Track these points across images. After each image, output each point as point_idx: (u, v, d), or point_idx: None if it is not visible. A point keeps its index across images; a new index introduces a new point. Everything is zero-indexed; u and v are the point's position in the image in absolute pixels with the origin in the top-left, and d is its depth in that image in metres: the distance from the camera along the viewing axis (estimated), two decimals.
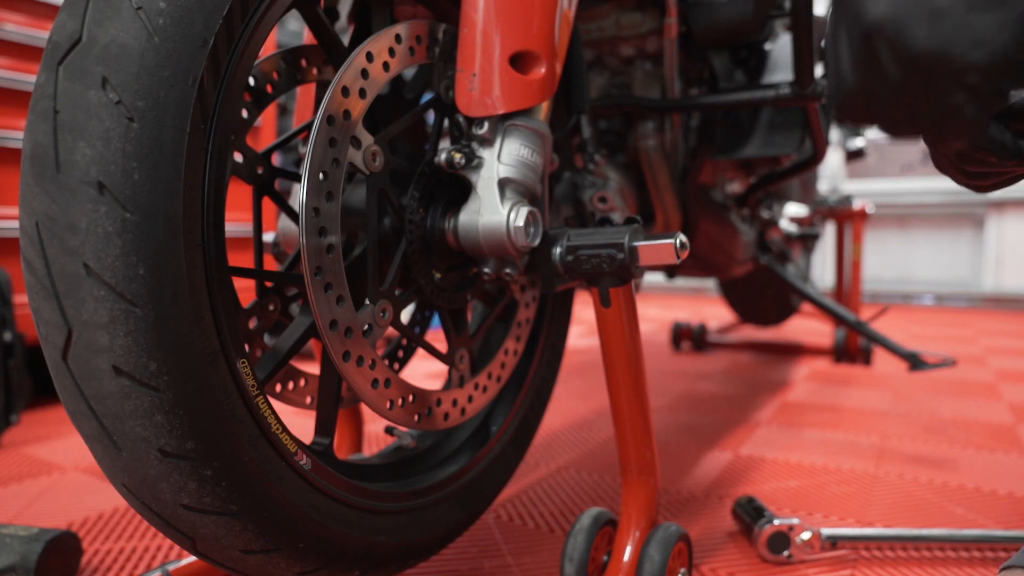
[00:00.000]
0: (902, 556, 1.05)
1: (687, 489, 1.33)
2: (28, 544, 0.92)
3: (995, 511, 1.23)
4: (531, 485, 1.34)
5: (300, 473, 0.62)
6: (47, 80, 0.51)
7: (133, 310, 0.49)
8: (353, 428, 1.20)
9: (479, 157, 0.73)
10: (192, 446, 0.53)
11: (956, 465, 1.49)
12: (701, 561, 1.03)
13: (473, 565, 1.02)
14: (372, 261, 0.69)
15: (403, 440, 0.82)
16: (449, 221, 0.75)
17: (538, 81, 0.72)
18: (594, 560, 0.88)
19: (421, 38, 0.72)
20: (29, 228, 0.51)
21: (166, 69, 0.51)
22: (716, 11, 1.17)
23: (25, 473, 1.44)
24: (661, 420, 1.83)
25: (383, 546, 0.71)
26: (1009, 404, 2.04)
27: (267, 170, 0.78)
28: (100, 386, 0.51)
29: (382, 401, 0.68)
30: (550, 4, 0.73)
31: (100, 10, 0.51)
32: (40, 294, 0.51)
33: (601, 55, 1.30)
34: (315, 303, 0.61)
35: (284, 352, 0.72)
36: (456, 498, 0.83)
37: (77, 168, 0.49)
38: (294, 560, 0.62)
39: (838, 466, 1.47)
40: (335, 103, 0.62)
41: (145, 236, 0.50)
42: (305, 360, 2.27)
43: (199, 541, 0.57)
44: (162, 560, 1.04)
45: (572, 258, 0.74)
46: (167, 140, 0.51)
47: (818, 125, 1.34)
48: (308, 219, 0.59)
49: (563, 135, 0.95)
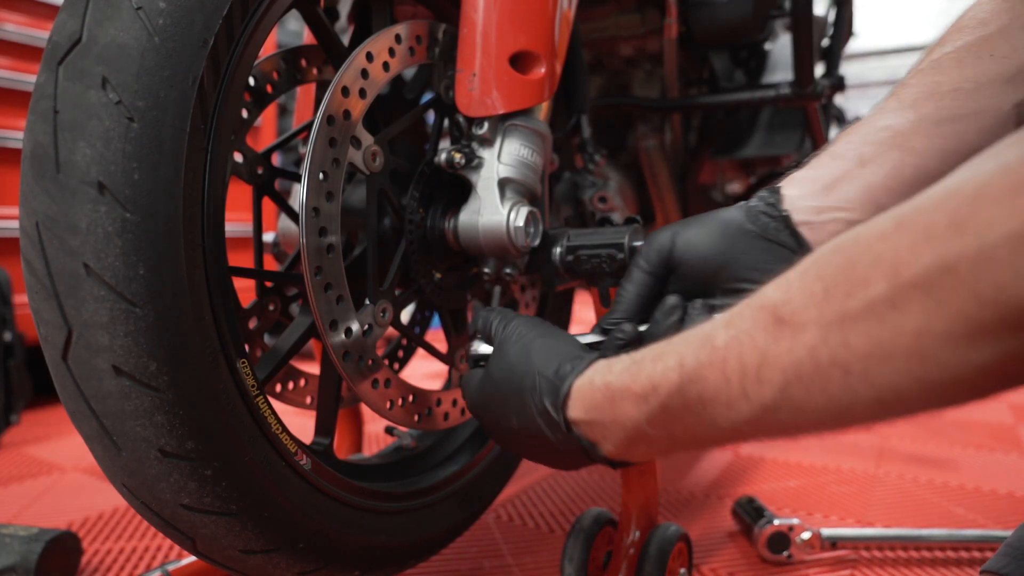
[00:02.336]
0: (902, 556, 1.05)
1: (687, 489, 1.33)
2: (28, 544, 0.91)
3: (995, 511, 1.23)
4: (531, 485, 1.34)
5: (300, 473, 0.62)
6: (47, 80, 0.51)
7: (133, 310, 0.49)
8: (353, 428, 1.20)
9: (479, 157, 0.73)
10: (192, 446, 0.53)
11: (956, 465, 1.49)
12: (701, 561, 1.03)
13: (473, 565, 1.02)
14: (372, 261, 0.69)
15: (403, 440, 0.82)
16: (449, 221, 0.75)
17: (538, 81, 0.72)
18: (594, 560, 0.88)
19: (421, 38, 0.72)
20: (29, 228, 0.51)
21: (166, 69, 0.51)
22: (716, 11, 1.16)
23: (25, 473, 1.44)
24: None
25: (383, 546, 0.71)
26: (1009, 404, 2.04)
27: (267, 170, 0.78)
28: (100, 386, 0.51)
29: (382, 401, 0.68)
30: (550, 4, 0.73)
31: (100, 10, 0.51)
32: (40, 294, 0.51)
33: (601, 55, 1.30)
34: (315, 303, 0.60)
35: (284, 352, 0.72)
36: (456, 498, 0.83)
37: (77, 168, 0.49)
38: (294, 560, 0.62)
39: (838, 466, 1.47)
40: (335, 103, 0.62)
41: (145, 236, 0.50)
42: (305, 360, 2.27)
43: (199, 541, 0.57)
44: (162, 560, 1.04)
45: (572, 258, 0.74)
46: (167, 140, 0.51)
47: (818, 125, 1.34)
48: (308, 219, 0.59)
49: (563, 135, 0.95)
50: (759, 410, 0.40)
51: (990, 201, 0.30)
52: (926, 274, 0.32)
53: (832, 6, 1.50)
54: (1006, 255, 0.29)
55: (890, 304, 0.33)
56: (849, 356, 0.35)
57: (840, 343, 0.35)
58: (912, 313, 0.32)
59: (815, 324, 0.36)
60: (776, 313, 0.39)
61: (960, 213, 0.31)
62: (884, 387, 0.35)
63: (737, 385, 0.40)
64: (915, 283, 0.32)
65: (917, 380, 0.33)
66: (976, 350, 0.31)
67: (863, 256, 0.35)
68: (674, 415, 0.45)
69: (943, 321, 0.31)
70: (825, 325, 0.36)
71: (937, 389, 0.34)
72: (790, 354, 0.38)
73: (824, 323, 0.36)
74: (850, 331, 0.35)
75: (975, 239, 0.30)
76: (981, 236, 0.29)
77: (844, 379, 0.36)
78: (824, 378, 0.36)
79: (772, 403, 0.39)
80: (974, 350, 0.31)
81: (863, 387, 0.35)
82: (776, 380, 0.38)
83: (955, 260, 0.30)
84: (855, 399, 0.36)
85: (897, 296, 0.33)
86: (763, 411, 0.40)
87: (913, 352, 0.33)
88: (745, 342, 0.40)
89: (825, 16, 1.49)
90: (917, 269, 0.32)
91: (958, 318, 0.31)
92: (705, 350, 0.43)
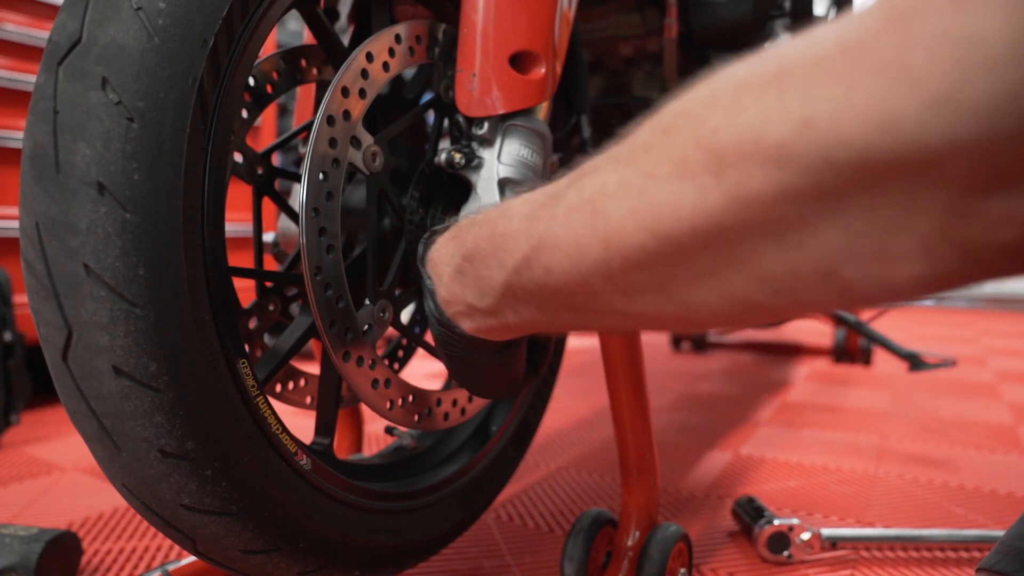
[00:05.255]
0: (902, 556, 1.05)
1: (687, 489, 1.33)
2: (28, 544, 0.91)
3: (995, 511, 1.23)
4: (531, 485, 1.34)
5: (300, 473, 0.62)
6: (47, 80, 0.51)
7: (133, 310, 0.49)
8: (353, 428, 1.20)
9: (479, 157, 0.73)
10: (192, 446, 0.53)
11: (956, 465, 1.49)
12: (701, 561, 1.03)
13: (473, 565, 1.02)
14: (372, 261, 0.69)
15: (403, 440, 0.82)
16: (449, 221, 0.75)
17: (538, 81, 0.72)
18: (594, 560, 0.88)
19: (421, 38, 0.72)
20: (29, 229, 0.51)
21: (166, 69, 0.51)
22: (716, 11, 1.16)
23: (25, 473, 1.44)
24: (661, 420, 1.83)
25: (383, 546, 0.71)
26: (1009, 404, 2.04)
27: (267, 170, 0.78)
28: (100, 386, 0.51)
29: (382, 401, 0.68)
30: (550, 4, 0.73)
31: (100, 10, 0.51)
32: (40, 295, 0.51)
33: (601, 55, 1.30)
34: (315, 303, 0.60)
35: (284, 352, 0.72)
36: (456, 498, 0.83)
37: (77, 169, 0.49)
38: (294, 560, 0.62)
39: (838, 466, 1.47)
40: (335, 103, 0.62)
41: (145, 236, 0.50)
42: (305, 360, 2.27)
43: (199, 541, 0.57)
44: (162, 560, 1.04)
45: None
46: (167, 140, 0.51)
47: None
48: (308, 219, 0.59)
49: (563, 135, 0.95)
50: (529, 249, 0.42)
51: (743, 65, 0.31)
52: (673, 118, 0.33)
53: (832, 6, 1.50)
54: (727, 102, 0.30)
55: (643, 147, 0.34)
56: (601, 194, 0.36)
57: (601, 181, 0.37)
58: (652, 157, 0.33)
59: (599, 168, 0.38)
60: (583, 166, 0.41)
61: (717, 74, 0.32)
62: (613, 228, 0.35)
63: (525, 220, 0.43)
64: (665, 128, 0.33)
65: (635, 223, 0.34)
66: (695, 191, 0.31)
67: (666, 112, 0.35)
68: (480, 247, 0.48)
69: (666, 162, 0.32)
70: (601, 167, 0.38)
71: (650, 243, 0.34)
72: (567, 191, 0.40)
73: (602, 166, 0.38)
74: (612, 170, 0.36)
75: (711, 89, 0.31)
76: (717, 86, 0.31)
77: (591, 216, 0.37)
78: (578, 212, 0.38)
79: (538, 240, 0.41)
80: (681, 195, 0.31)
81: (600, 224, 0.36)
82: (548, 215, 0.40)
83: (692, 107, 0.32)
84: (592, 238, 0.37)
85: (650, 140, 0.34)
86: (532, 249, 0.42)
87: (639, 191, 0.34)
88: (550, 186, 0.43)
89: (825, 16, 1.49)
90: (669, 116, 0.33)
91: (677, 158, 0.32)
92: (523, 199, 0.46)
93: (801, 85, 0.27)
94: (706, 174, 0.30)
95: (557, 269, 0.40)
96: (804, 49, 0.28)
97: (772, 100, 0.27)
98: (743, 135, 0.28)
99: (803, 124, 0.26)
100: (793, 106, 0.27)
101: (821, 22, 0.32)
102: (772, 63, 0.29)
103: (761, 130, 0.27)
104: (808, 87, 0.26)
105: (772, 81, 0.28)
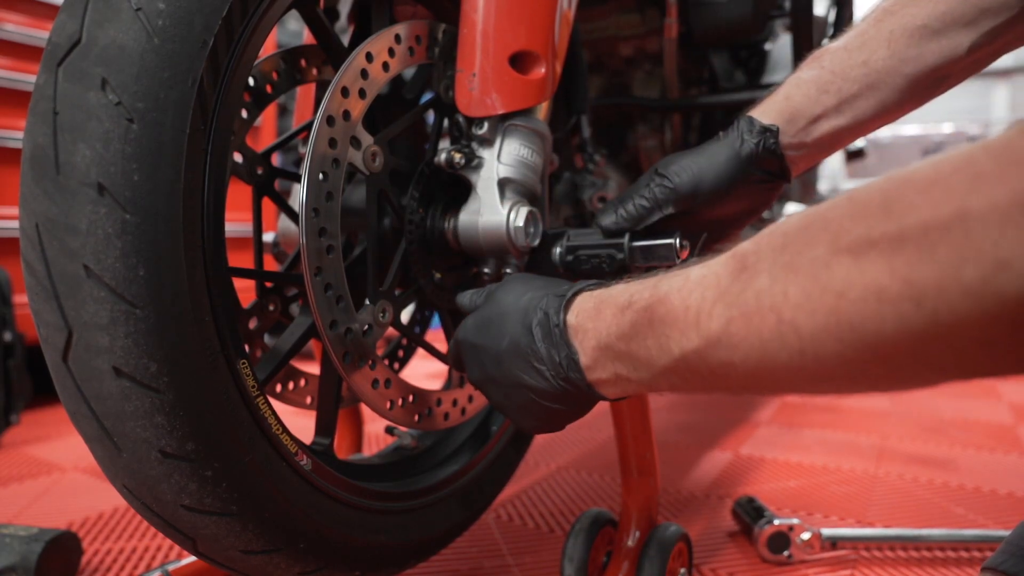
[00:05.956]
0: (902, 556, 1.05)
1: (687, 489, 1.33)
2: (28, 544, 0.92)
3: (995, 511, 1.23)
4: (531, 485, 1.34)
5: (300, 473, 0.62)
6: (47, 81, 0.51)
7: (133, 311, 0.49)
8: (353, 428, 1.20)
9: (479, 157, 0.73)
10: (193, 447, 0.53)
11: (956, 465, 1.49)
12: (701, 561, 1.03)
13: (473, 565, 1.02)
14: (372, 261, 0.69)
15: (403, 440, 0.82)
16: (449, 221, 0.75)
17: (538, 81, 0.72)
18: (594, 560, 0.88)
19: (421, 38, 0.72)
20: (29, 229, 0.51)
21: (166, 70, 0.51)
22: (716, 11, 1.16)
23: (25, 473, 1.44)
24: (661, 420, 1.83)
25: (383, 546, 0.71)
26: (1009, 404, 2.04)
27: (267, 170, 0.78)
28: (100, 387, 0.51)
29: (382, 401, 0.68)
30: (550, 4, 0.73)
31: (100, 11, 0.50)
32: (40, 295, 0.51)
33: (601, 55, 1.30)
34: (315, 303, 0.60)
35: (284, 352, 0.72)
36: (456, 498, 0.83)
37: (77, 169, 0.49)
38: (295, 560, 0.62)
39: (838, 466, 1.47)
40: (335, 103, 0.62)
41: (145, 237, 0.50)
42: (305, 360, 2.27)
43: (200, 542, 0.57)
44: (162, 560, 1.04)
45: (572, 258, 0.74)
46: (167, 141, 0.51)
47: None
48: (308, 219, 0.59)
49: (563, 135, 0.95)
50: (703, 343, 0.44)
51: (913, 190, 0.34)
52: (856, 244, 0.35)
53: (832, 6, 1.50)
54: (917, 237, 0.33)
55: (824, 264, 0.37)
56: (784, 304, 0.38)
57: (781, 291, 0.39)
58: (838, 276, 0.36)
59: (767, 272, 0.40)
60: (743, 260, 0.42)
61: (890, 196, 0.35)
62: (806, 338, 0.38)
63: (693, 313, 0.44)
64: (847, 249, 0.36)
65: (833, 336, 0.37)
66: (895, 315, 0.34)
67: (818, 220, 0.39)
68: (638, 331, 0.49)
69: (860, 287, 0.35)
70: (774, 274, 0.40)
71: (849, 352, 0.36)
72: (740, 294, 0.41)
73: (774, 272, 0.40)
74: (791, 282, 0.38)
75: (896, 222, 0.34)
76: (901, 220, 0.33)
77: (776, 324, 0.39)
78: (761, 319, 0.40)
79: (715, 336, 0.43)
80: (881, 318, 0.34)
81: (791, 334, 0.38)
82: (723, 315, 0.42)
83: (879, 237, 0.34)
84: (782, 345, 0.39)
85: (831, 259, 0.36)
86: (706, 344, 0.43)
87: (832, 310, 0.36)
88: (711, 280, 0.44)
89: (825, 16, 1.49)
90: (850, 239, 0.36)
91: (872, 286, 0.34)
92: (678, 280, 0.47)
93: (983, 230, 0.30)
94: (906, 302, 0.33)
95: (740, 364, 0.42)
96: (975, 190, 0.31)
97: (961, 240, 0.31)
98: (944, 272, 0.32)
99: (997, 265, 0.30)
100: (985, 249, 0.30)
101: (820, 22, 0.33)
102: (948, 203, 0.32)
103: (960, 268, 0.31)
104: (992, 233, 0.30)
105: (955, 224, 0.31)
